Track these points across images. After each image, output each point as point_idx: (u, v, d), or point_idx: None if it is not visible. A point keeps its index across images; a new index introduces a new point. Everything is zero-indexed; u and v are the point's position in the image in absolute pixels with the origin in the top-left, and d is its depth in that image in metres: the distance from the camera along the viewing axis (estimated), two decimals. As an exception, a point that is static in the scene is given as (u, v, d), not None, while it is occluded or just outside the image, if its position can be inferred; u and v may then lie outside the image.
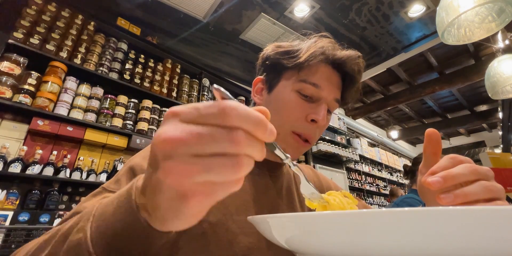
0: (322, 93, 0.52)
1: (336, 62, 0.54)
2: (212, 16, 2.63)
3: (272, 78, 0.57)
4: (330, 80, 0.54)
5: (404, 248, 0.18)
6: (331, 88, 0.53)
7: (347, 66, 0.54)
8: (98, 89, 2.19)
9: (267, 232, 0.27)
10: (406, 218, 0.18)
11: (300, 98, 0.52)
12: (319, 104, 0.52)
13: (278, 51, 0.56)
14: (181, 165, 0.18)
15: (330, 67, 0.54)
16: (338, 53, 0.54)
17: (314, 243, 0.23)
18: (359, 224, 0.19)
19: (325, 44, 0.55)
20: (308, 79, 0.52)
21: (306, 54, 0.52)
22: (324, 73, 0.53)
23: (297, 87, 0.53)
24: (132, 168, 0.48)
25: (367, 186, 4.70)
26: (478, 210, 0.16)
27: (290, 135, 0.52)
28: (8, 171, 1.64)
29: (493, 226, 0.16)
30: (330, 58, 0.54)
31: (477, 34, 1.41)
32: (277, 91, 0.55)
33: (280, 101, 0.54)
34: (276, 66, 0.56)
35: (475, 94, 5.45)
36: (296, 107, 0.52)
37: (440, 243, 0.17)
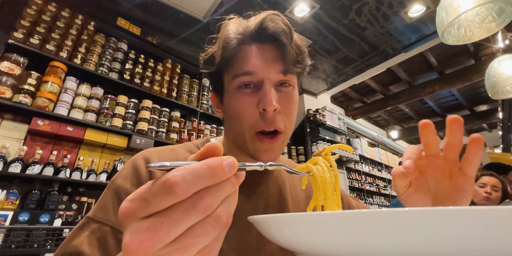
0: (259, 76, 0.46)
1: (255, 36, 0.48)
2: (212, 16, 2.63)
3: (218, 89, 0.53)
4: (261, 57, 0.47)
5: (404, 248, 0.18)
6: (264, 65, 0.46)
7: (266, 33, 0.47)
8: (98, 89, 2.19)
9: (267, 232, 0.27)
10: (406, 218, 0.18)
11: (244, 93, 0.47)
12: (262, 89, 0.46)
13: (204, 62, 0.54)
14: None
15: (255, 43, 0.48)
16: (249, 27, 0.48)
17: (314, 243, 0.23)
18: (359, 224, 0.19)
19: (231, 27, 0.49)
20: (238, 71, 0.47)
21: (220, 51, 0.48)
22: (250, 55, 0.47)
23: (235, 85, 0.48)
24: (117, 192, 0.46)
25: (367, 186, 4.70)
26: (479, 210, 0.16)
27: (255, 138, 0.47)
28: (8, 171, 1.64)
29: (494, 226, 0.16)
30: (245, 37, 0.48)
31: (477, 34, 1.41)
32: (225, 99, 0.51)
33: (231, 107, 0.49)
34: (212, 76, 0.53)
35: (475, 94, 5.44)
36: (244, 104, 0.47)
37: (440, 243, 0.17)
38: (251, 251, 0.47)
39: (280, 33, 0.46)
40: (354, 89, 5.26)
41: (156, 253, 0.17)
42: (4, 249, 1.49)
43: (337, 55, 3.36)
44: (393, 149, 6.65)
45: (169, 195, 0.17)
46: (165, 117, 2.57)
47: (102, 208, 0.44)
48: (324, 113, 3.91)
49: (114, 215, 0.43)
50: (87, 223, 0.43)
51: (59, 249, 0.41)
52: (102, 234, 0.41)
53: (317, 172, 0.36)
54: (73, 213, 1.85)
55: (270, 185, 0.56)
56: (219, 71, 0.50)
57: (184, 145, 0.58)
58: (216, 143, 0.20)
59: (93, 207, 0.46)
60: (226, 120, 0.54)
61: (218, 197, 0.18)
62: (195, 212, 0.17)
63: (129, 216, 0.18)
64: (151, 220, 0.17)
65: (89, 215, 0.44)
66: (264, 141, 0.46)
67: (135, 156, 0.52)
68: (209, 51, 0.53)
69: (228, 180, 0.19)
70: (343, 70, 3.71)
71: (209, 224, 0.18)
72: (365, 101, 5.73)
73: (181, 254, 0.17)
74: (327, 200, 0.35)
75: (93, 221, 0.43)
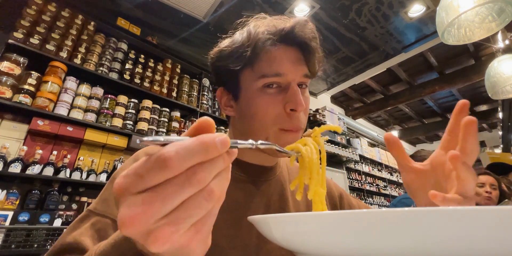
0: (287, 77, 0.47)
1: (285, 39, 0.49)
2: (212, 16, 2.63)
3: (232, 86, 0.52)
4: (289, 60, 0.48)
5: (404, 248, 0.18)
6: (294, 68, 0.48)
7: (298, 37, 0.49)
8: (98, 89, 2.19)
9: (267, 232, 0.27)
10: (406, 218, 0.18)
11: (269, 93, 0.48)
12: (290, 90, 0.47)
13: (222, 56, 0.52)
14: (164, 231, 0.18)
15: (282, 45, 0.49)
16: (284, 29, 0.49)
17: (314, 243, 0.23)
18: (359, 224, 0.19)
19: (265, 26, 0.49)
20: (268, 72, 0.47)
21: (251, 47, 0.47)
22: (279, 56, 0.48)
23: (260, 84, 0.48)
24: None
25: (367, 186, 4.70)
26: (479, 210, 0.16)
27: (279, 133, 0.48)
28: (8, 171, 1.63)
29: (495, 226, 0.16)
30: (277, 38, 0.48)
31: (477, 34, 1.41)
32: (243, 96, 0.50)
33: (252, 106, 0.48)
34: (228, 72, 0.51)
35: (475, 94, 5.45)
36: (270, 104, 0.47)
37: (440, 243, 0.17)
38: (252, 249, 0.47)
39: (310, 39, 0.49)
40: (354, 89, 5.26)
41: (151, 226, 0.18)
42: (4, 249, 1.49)
43: (337, 55, 3.36)
44: (393, 149, 6.63)
45: (163, 170, 0.17)
46: (165, 117, 2.57)
47: (104, 201, 0.44)
48: (324, 113, 3.91)
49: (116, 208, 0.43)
50: (87, 216, 0.43)
51: (58, 241, 0.41)
52: (103, 226, 0.41)
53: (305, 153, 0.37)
54: (73, 213, 1.85)
55: (272, 184, 0.56)
56: (240, 67, 0.49)
57: None
58: (207, 118, 0.21)
59: (94, 201, 0.46)
60: (240, 119, 0.53)
61: (211, 172, 0.19)
62: (189, 186, 0.18)
63: (124, 192, 0.18)
64: (146, 194, 0.18)
65: (90, 208, 0.44)
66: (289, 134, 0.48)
67: (137, 152, 0.52)
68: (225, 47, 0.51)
69: (221, 156, 0.19)
70: (343, 70, 3.71)
71: (202, 197, 0.18)
72: (365, 101, 5.73)
73: (175, 226, 0.18)
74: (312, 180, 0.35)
75: (94, 214, 0.43)
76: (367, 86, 5.10)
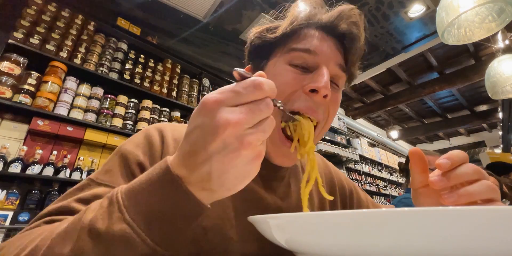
0: (318, 58, 0.44)
1: (326, 26, 0.46)
2: (212, 16, 2.63)
3: (259, 62, 0.50)
4: (325, 44, 0.45)
5: (403, 248, 0.18)
6: (328, 51, 0.45)
7: (340, 27, 0.45)
8: (98, 89, 2.19)
9: (267, 232, 0.27)
10: (406, 218, 0.18)
11: (294, 71, 0.44)
12: (318, 70, 0.43)
13: (259, 31, 0.50)
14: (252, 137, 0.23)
15: (322, 31, 0.46)
16: (325, 16, 0.46)
17: (314, 243, 0.23)
18: (359, 224, 0.19)
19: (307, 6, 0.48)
20: (298, 46, 0.44)
21: (287, 21, 0.46)
22: (315, 36, 0.45)
23: (287, 59, 0.45)
24: (124, 157, 0.42)
25: (367, 186, 4.70)
26: (480, 210, 0.16)
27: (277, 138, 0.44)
28: (8, 171, 1.63)
29: (496, 226, 0.16)
30: (317, 24, 0.46)
31: (477, 34, 1.41)
32: (268, 70, 0.47)
33: (272, 76, 0.45)
34: (261, 49, 0.49)
35: (475, 94, 5.45)
36: (289, 81, 0.43)
37: (441, 243, 0.17)
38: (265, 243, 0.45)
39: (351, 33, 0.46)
40: (354, 89, 5.26)
41: (243, 132, 0.23)
42: (4, 249, 1.49)
43: (337, 55, 3.35)
44: (393, 149, 6.65)
45: (258, 90, 0.24)
46: (165, 117, 2.57)
47: (107, 171, 0.41)
48: (324, 113, 3.90)
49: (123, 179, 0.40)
50: (88, 185, 0.39)
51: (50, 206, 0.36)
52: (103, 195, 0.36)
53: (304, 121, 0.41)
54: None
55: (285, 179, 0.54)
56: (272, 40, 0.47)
57: None
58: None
59: (96, 171, 0.42)
60: None
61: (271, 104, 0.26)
62: (267, 108, 0.25)
63: (220, 104, 0.24)
64: (242, 107, 0.24)
65: (91, 177, 0.40)
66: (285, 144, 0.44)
67: (148, 127, 0.50)
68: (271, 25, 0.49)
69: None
70: (343, 70, 3.71)
71: (270, 122, 0.25)
72: (365, 101, 5.73)
73: (261, 134, 0.24)
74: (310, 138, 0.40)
75: (96, 183, 0.39)
76: (367, 86, 5.10)
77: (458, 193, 0.32)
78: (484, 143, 7.50)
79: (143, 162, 0.42)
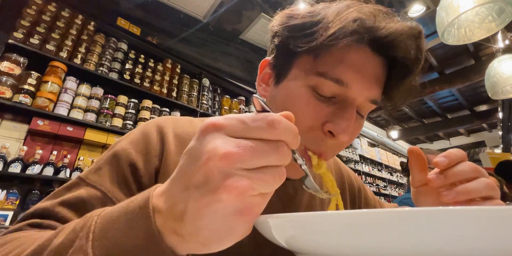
0: (349, 93, 0.36)
1: (378, 41, 0.36)
2: (212, 16, 2.63)
3: (282, 64, 0.41)
4: (364, 71, 0.36)
5: (405, 248, 0.18)
6: (364, 84, 0.36)
7: (396, 48, 0.36)
8: (98, 89, 2.19)
9: (267, 233, 0.27)
10: (407, 218, 0.18)
11: (317, 99, 0.37)
12: (344, 108, 0.36)
13: (289, 25, 0.39)
14: (242, 181, 0.18)
15: (368, 48, 0.37)
16: (382, 27, 0.35)
17: (314, 243, 0.23)
18: (360, 224, 0.19)
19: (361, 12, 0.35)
20: (329, 72, 0.36)
21: (329, 31, 0.34)
22: (355, 60, 0.36)
23: (312, 83, 0.37)
24: (117, 155, 0.40)
25: (367, 186, 4.70)
26: (480, 210, 0.17)
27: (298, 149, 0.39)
28: (8, 171, 1.64)
29: (497, 227, 0.16)
30: (369, 36, 0.35)
31: (477, 34, 1.41)
32: (286, 84, 0.40)
33: (288, 102, 0.39)
34: (286, 47, 0.39)
35: (475, 94, 5.44)
36: (309, 112, 0.37)
37: (442, 244, 0.17)
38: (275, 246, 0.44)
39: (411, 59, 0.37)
40: (354, 89, 5.25)
41: (233, 170, 0.18)
42: (4, 249, 1.49)
43: (337, 55, 3.35)
44: (393, 149, 6.65)
45: (270, 127, 0.19)
46: (165, 117, 2.57)
47: (97, 170, 0.39)
48: (324, 113, 3.91)
49: (109, 181, 0.38)
50: (77, 184, 0.38)
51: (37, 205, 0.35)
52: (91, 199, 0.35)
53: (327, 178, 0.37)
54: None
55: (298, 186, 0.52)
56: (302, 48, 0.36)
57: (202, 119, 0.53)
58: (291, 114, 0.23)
59: (88, 168, 0.40)
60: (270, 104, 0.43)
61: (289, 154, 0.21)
62: (275, 155, 0.19)
63: (219, 129, 0.20)
64: (241, 141, 0.19)
65: (81, 176, 0.39)
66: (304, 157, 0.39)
67: (147, 122, 0.46)
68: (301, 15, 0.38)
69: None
70: (343, 70, 3.71)
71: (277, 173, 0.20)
72: (365, 101, 5.73)
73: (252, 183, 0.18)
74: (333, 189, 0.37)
75: (84, 183, 0.37)
76: (367, 86, 5.09)
77: (456, 190, 0.32)
78: (484, 143, 7.50)
79: (135, 162, 0.40)
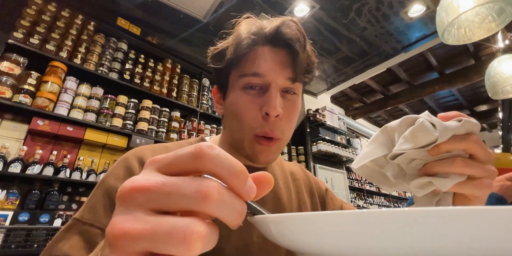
0: (266, 79, 0.46)
1: (270, 39, 0.47)
2: (212, 16, 2.63)
3: (223, 84, 0.52)
4: (272, 61, 0.46)
5: (404, 248, 0.18)
6: (274, 69, 0.46)
7: (282, 38, 0.46)
8: (98, 89, 2.19)
9: (267, 233, 0.27)
10: (407, 218, 0.18)
11: (249, 94, 0.47)
12: (268, 92, 0.45)
13: (213, 55, 0.52)
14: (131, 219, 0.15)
15: (268, 46, 0.47)
16: (265, 29, 0.47)
17: (314, 244, 0.23)
18: (360, 224, 0.19)
19: (246, 25, 0.48)
20: (247, 71, 0.46)
21: (233, 47, 0.47)
22: (261, 56, 0.46)
23: (241, 84, 0.47)
24: (108, 193, 0.43)
25: (367, 186, 4.70)
26: (480, 210, 0.16)
27: (254, 140, 0.46)
28: (8, 171, 1.64)
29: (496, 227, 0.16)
30: (261, 38, 0.47)
31: (477, 34, 1.41)
32: (229, 96, 0.50)
33: (233, 106, 0.48)
34: (219, 71, 0.51)
35: (475, 94, 5.44)
36: (247, 106, 0.46)
37: (441, 244, 0.17)
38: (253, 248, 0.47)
39: (294, 40, 0.46)
40: (354, 89, 5.25)
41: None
42: (4, 249, 1.49)
43: (337, 55, 3.36)
44: (393, 149, 6.64)
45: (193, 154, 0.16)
46: (165, 117, 2.57)
47: (91, 209, 0.42)
48: (324, 113, 3.91)
49: (105, 216, 0.41)
50: (74, 225, 0.40)
51: (44, 252, 0.38)
52: (91, 236, 0.39)
53: None
54: (73, 213, 1.84)
55: None
56: (227, 67, 0.49)
57: (178, 143, 0.57)
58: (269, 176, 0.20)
59: (81, 208, 0.43)
60: (225, 117, 0.53)
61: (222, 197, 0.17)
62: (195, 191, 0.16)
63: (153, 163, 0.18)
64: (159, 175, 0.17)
65: (76, 217, 0.41)
66: (262, 143, 0.46)
67: (127, 155, 0.49)
68: (219, 46, 0.52)
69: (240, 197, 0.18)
70: (343, 70, 3.71)
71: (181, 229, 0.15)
72: (365, 101, 5.73)
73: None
74: None
75: (81, 223, 0.40)
76: (367, 86, 5.09)
77: None
78: (484, 143, 7.49)
79: None
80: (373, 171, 0.37)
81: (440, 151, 0.31)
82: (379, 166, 0.36)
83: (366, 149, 0.36)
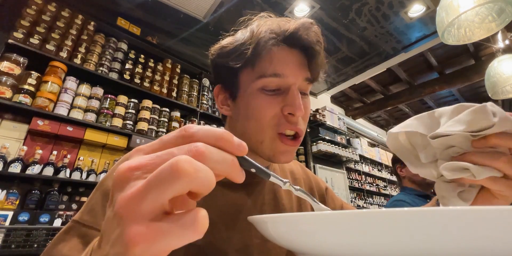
0: (287, 80, 0.46)
1: (289, 39, 0.47)
2: (212, 16, 2.63)
3: (231, 84, 0.51)
4: (291, 62, 0.47)
5: (403, 248, 0.18)
6: (295, 70, 0.47)
7: (302, 39, 0.47)
8: (98, 89, 2.19)
9: (266, 233, 0.27)
10: (405, 218, 0.18)
11: (268, 94, 0.46)
12: (290, 93, 0.46)
13: (223, 53, 0.50)
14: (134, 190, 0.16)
15: (285, 46, 0.47)
16: (287, 29, 0.47)
17: (313, 244, 0.23)
18: (359, 224, 0.19)
19: (269, 25, 0.48)
20: (266, 71, 0.46)
21: (252, 46, 0.46)
22: (281, 57, 0.46)
23: (259, 85, 0.46)
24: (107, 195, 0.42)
25: (367, 186, 4.70)
26: (479, 210, 0.16)
27: (278, 139, 0.46)
28: (8, 171, 1.63)
29: (496, 226, 0.16)
30: (280, 38, 0.47)
31: (477, 34, 1.41)
32: (241, 97, 0.49)
33: (249, 107, 0.47)
34: (228, 70, 0.49)
35: (475, 94, 5.44)
36: (267, 105, 0.46)
37: (440, 244, 0.17)
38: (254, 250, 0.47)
39: (314, 43, 0.47)
40: (354, 89, 5.26)
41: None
42: (4, 249, 1.49)
43: (337, 55, 3.36)
44: (393, 149, 6.64)
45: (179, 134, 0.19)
46: (165, 117, 2.57)
47: (90, 211, 0.41)
48: (324, 113, 3.91)
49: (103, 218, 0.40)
50: (73, 227, 0.40)
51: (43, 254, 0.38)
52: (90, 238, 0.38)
53: None
54: (73, 213, 1.85)
55: (266, 184, 0.56)
56: (240, 66, 0.48)
57: None
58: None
59: (80, 210, 0.43)
60: (236, 119, 0.52)
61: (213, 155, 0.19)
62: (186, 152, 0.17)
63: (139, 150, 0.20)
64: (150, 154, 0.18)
65: (75, 219, 0.41)
66: (287, 143, 0.46)
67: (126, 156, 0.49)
68: (227, 44, 0.50)
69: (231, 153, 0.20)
70: (343, 70, 3.71)
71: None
72: (365, 101, 5.73)
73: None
74: None
75: (80, 225, 0.40)
76: (367, 86, 5.10)
77: None
78: None
79: None
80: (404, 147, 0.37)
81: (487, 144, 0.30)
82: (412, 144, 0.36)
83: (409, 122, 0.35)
